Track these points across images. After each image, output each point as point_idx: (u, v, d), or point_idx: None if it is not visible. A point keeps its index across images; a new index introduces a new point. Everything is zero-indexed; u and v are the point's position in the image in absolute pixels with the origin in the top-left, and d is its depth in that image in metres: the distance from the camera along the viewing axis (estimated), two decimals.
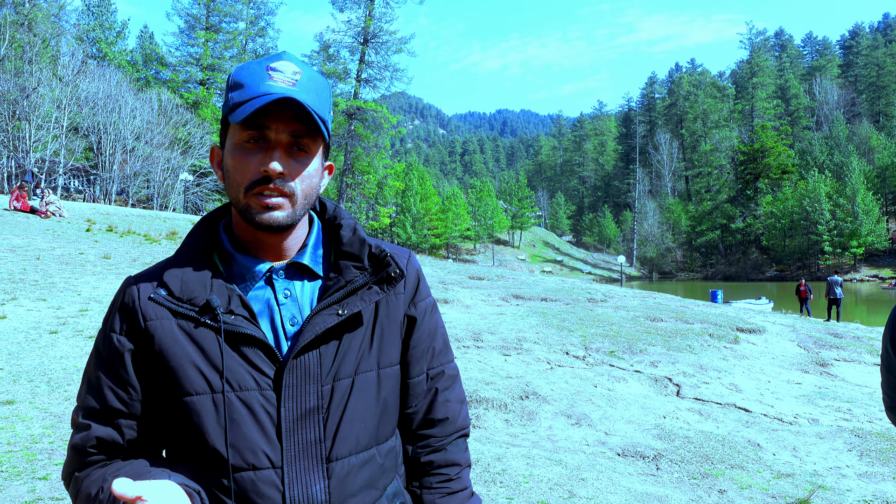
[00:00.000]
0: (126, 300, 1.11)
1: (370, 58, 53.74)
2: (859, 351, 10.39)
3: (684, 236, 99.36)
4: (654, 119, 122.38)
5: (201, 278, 1.10)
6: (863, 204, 73.53)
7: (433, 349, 1.29)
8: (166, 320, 1.08)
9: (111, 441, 1.08)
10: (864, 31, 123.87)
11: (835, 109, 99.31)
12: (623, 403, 6.79)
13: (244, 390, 1.06)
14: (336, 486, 1.09)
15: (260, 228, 1.09)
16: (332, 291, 1.14)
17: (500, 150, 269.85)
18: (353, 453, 1.12)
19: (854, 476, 4.95)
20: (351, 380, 1.13)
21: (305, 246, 1.18)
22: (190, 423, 1.06)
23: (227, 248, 1.15)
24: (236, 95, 1.07)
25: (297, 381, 1.08)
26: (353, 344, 1.14)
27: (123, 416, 1.09)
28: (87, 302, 10.54)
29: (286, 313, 1.12)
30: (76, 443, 1.09)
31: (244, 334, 1.07)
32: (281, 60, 1.10)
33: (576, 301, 14.42)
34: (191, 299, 1.08)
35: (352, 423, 1.12)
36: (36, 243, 16.01)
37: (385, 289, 1.18)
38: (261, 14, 66.10)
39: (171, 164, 46.19)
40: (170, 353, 1.07)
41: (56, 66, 42.25)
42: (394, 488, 1.20)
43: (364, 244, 1.19)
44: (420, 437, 1.28)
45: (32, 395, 6.13)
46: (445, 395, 1.30)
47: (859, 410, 6.87)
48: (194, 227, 1.19)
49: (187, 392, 1.06)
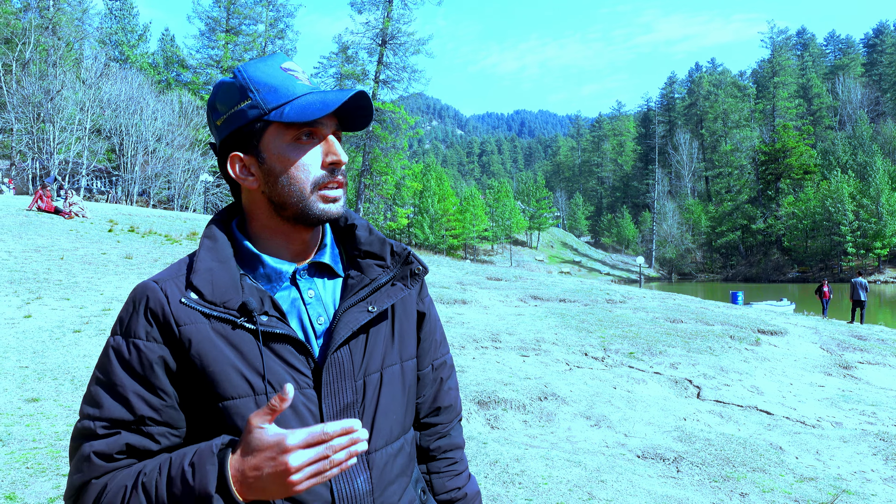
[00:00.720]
0: (152, 305, 1.06)
1: (388, 59, 53.87)
2: (884, 353, 10.23)
3: (704, 237, 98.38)
4: (673, 119, 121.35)
5: (231, 280, 1.09)
6: (887, 204, 72.32)
7: (436, 341, 1.36)
8: (201, 324, 1.06)
9: (142, 448, 1.04)
10: (889, 29, 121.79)
11: (858, 109, 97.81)
12: (643, 405, 6.74)
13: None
14: (377, 476, 1.13)
15: (315, 223, 1.12)
16: (357, 289, 1.16)
17: (517, 151, 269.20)
18: (388, 443, 1.16)
19: (879, 480, 4.87)
20: (379, 374, 1.16)
21: (324, 245, 1.20)
22: (232, 427, 1.04)
23: (251, 249, 1.14)
24: (272, 98, 1.07)
25: (335, 378, 1.10)
26: (378, 339, 1.17)
27: (156, 424, 1.05)
28: (109, 301, 10.68)
29: (313, 312, 1.14)
30: (100, 450, 1.01)
31: (280, 335, 1.07)
32: (287, 62, 1.13)
33: (594, 302, 14.35)
34: (224, 302, 1.06)
35: (385, 414, 1.16)
36: (60, 243, 16.26)
37: (409, 285, 1.22)
38: (280, 16, 66.55)
39: (191, 165, 46.65)
40: (209, 358, 1.04)
41: (79, 69, 42.89)
42: (416, 474, 1.25)
43: (385, 243, 1.22)
44: (428, 425, 1.34)
45: (57, 393, 6.23)
46: (448, 384, 1.37)
47: (884, 414, 6.76)
48: (210, 229, 1.17)
49: (229, 396, 1.04)
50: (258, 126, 1.09)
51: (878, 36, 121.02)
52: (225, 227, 1.18)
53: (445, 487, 1.33)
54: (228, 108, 1.10)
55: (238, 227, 1.18)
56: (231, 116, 1.10)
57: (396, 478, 1.16)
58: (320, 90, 1.09)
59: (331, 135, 1.11)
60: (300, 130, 1.08)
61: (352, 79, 56.20)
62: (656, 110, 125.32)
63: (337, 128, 1.13)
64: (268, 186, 1.11)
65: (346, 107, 1.11)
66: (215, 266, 1.10)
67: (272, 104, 1.07)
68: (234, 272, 1.10)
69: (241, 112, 1.09)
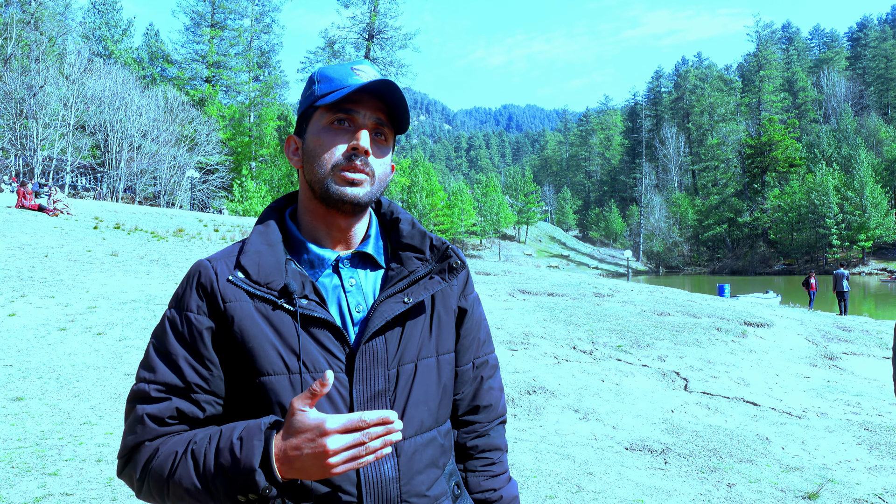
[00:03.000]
0: (203, 281, 1.15)
1: (375, 54, 53.70)
2: (868, 344, 10.34)
3: (691, 230, 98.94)
4: (660, 113, 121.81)
5: (277, 263, 1.16)
6: (871, 197, 73.02)
7: (479, 339, 1.37)
8: (244, 302, 1.13)
9: (190, 414, 1.11)
10: (873, 23, 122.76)
11: (843, 102, 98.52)
12: (631, 398, 6.78)
13: (318, 372, 1.11)
14: (405, 463, 1.15)
15: (338, 205, 1.16)
16: (395, 281, 1.21)
17: (505, 146, 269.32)
18: (419, 433, 1.19)
19: (864, 470, 4.93)
20: (414, 364, 1.20)
21: (368, 237, 1.25)
22: (267, 401, 1.10)
23: (298, 236, 1.21)
24: (325, 86, 1.18)
25: (367, 365, 1.14)
26: (414, 331, 1.21)
27: (203, 392, 1.12)
28: (95, 299, 10.59)
29: (352, 300, 1.19)
30: (152, 412, 1.09)
31: (318, 318, 1.13)
32: (362, 63, 1.22)
33: (582, 296, 14.40)
34: (268, 283, 1.13)
35: (417, 405, 1.19)
36: (44, 241, 16.10)
37: (446, 278, 1.26)
38: (266, 10, 66.11)
39: (177, 161, 46.31)
40: (249, 335, 1.11)
41: (62, 65, 42.38)
42: (450, 468, 1.27)
43: (425, 237, 1.27)
44: (465, 423, 1.35)
45: (42, 392, 6.17)
46: (489, 384, 1.38)
47: (868, 404, 6.83)
48: (263, 215, 1.25)
49: (265, 372, 1.10)
50: (310, 111, 1.20)
51: (861, 30, 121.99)
52: (278, 215, 1.27)
53: (480, 487, 1.34)
54: (302, 98, 1.24)
55: (290, 215, 1.26)
56: (299, 105, 1.24)
57: (425, 468, 1.18)
58: (363, 81, 1.17)
59: (367, 129, 1.17)
60: (335, 115, 1.17)
61: None
62: (643, 104, 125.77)
63: (380, 123, 1.19)
64: (305, 165, 1.20)
65: (385, 100, 1.17)
66: (263, 249, 1.17)
67: (322, 91, 1.18)
68: (280, 256, 1.18)
69: (304, 100, 1.22)
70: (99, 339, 8.26)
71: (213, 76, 63.28)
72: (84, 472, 4.36)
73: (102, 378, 6.69)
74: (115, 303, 10.41)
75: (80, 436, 5.09)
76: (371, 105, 1.17)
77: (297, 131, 1.24)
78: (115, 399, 6.06)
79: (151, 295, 11.25)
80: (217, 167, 52.50)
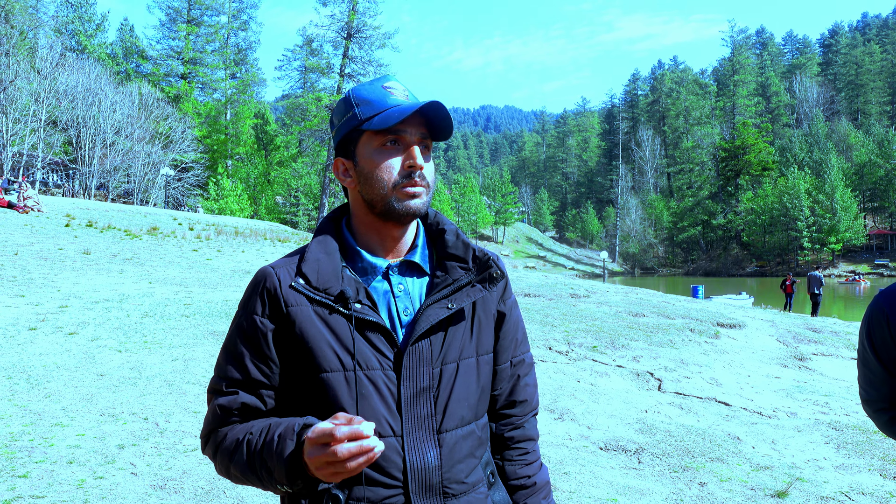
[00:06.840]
0: (268, 286, 1.27)
1: (354, 53, 53.43)
2: (837, 345, 10.55)
3: (666, 232, 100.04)
4: (636, 116, 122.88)
5: (334, 271, 1.27)
6: (841, 200, 74.48)
7: (516, 340, 1.47)
8: (304, 307, 1.24)
9: (254, 406, 1.25)
10: (844, 31, 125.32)
11: (814, 107, 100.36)
12: (605, 398, 6.85)
13: (370, 370, 1.23)
14: (446, 453, 1.27)
15: (401, 218, 1.28)
16: (440, 288, 1.31)
17: (483, 146, 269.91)
18: (459, 426, 1.30)
19: (831, 468, 5.03)
20: (456, 364, 1.30)
21: (416, 246, 1.36)
22: (325, 396, 1.22)
23: (353, 245, 1.32)
24: (366, 109, 1.27)
25: (414, 364, 1.26)
26: (456, 334, 1.32)
27: (265, 387, 1.26)
28: (66, 298, 10.42)
29: (401, 305, 1.30)
30: (223, 404, 1.25)
31: (370, 321, 1.24)
32: (390, 81, 1.31)
33: (559, 296, 14.50)
34: (326, 289, 1.25)
35: (458, 401, 1.30)
36: (13, 239, 15.80)
37: (487, 287, 1.35)
38: (243, 7, 65.52)
39: (151, 158, 45.70)
40: (309, 336, 1.23)
41: (34, 59, 41.60)
42: (486, 458, 1.38)
43: (468, 247, 1.37)
44: (503, 416, 1.46)
45: (11, 393, 6.06)
46: (525, 381, 1.49)
47: (836, 404, 6.97)
48: (322, 225, 1.36)
49: (324, 369, 1.22)
50: (355, 135, 1.29)
51: (833, 36, 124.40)
52: (335, 224, 1.37)
53: (517, 474, 1.45)
54: (339, 120, 1.32)
55: (346, 224, 1.37)
56: (339, 128, 1.32)
57: (465, 458, 1.30)
58: (405, 102, 1.27)
59: (416, 145, 1.28)
60: (386, 137, 1.26)
61: (316, 72, 55.61)
62: (620, 107, 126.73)
63: (424, 137, 1.29)
64: (361, 186, 1.30)
65: (428, 117, 1.27)
66: (322, 257, 1.29)
67: (366, 115, 1.27)
68: (336, 264, 1.29)
69: (344, 123, 1.30)
70: (70, 339, 8.14)
71: (188, 73, 62.55)
72: (55, 475, 4.30)
73: (74, 378, 6.59)
74: (87, 302, 10.25)
75: (50, 437, 5.01)
76: (416, 122, 1.27)
77: (342, 153, 1.33)
78: (86, 400, 5.97)
79: (124, 294, 11.10)
80: (192, 165, 51.91)
